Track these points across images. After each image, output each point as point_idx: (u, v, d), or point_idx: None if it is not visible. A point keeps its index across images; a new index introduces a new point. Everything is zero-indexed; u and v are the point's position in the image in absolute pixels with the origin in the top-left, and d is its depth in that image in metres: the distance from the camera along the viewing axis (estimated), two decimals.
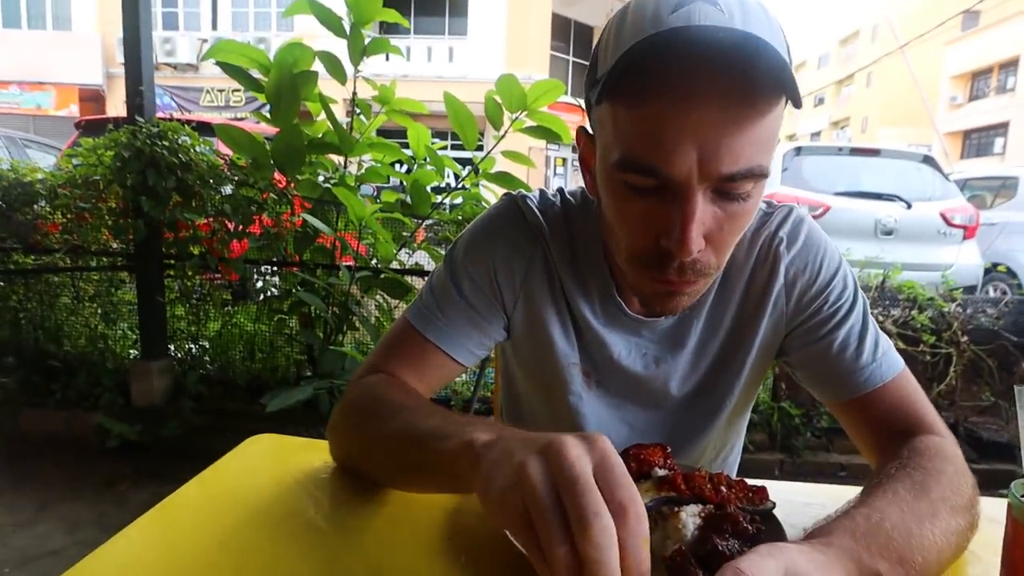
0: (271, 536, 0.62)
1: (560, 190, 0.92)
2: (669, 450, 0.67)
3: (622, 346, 0.87)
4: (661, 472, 0.63)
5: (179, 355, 3.34)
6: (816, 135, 39.94)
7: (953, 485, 0.63)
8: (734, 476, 1.02)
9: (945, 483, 0.62)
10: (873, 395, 0.79)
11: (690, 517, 0.56)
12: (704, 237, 0.64)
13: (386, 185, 3.42)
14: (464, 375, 3.20)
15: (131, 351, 3.42)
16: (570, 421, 0.91)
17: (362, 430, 0.73)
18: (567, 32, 18.56)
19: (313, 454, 0.83)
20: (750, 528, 0.55)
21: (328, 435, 0.80)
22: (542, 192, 0.91)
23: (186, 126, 3.09)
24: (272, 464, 0.82)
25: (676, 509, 0.57)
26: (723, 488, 0.61)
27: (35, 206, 3.28)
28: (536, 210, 0.87)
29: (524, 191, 0.91)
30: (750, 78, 0.58)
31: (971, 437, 3.07)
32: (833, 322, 0.82)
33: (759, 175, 0.62)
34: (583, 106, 0.75)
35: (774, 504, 0.62)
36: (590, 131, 0.74)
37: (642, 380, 0.88)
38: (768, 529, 0.58)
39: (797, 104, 0.62)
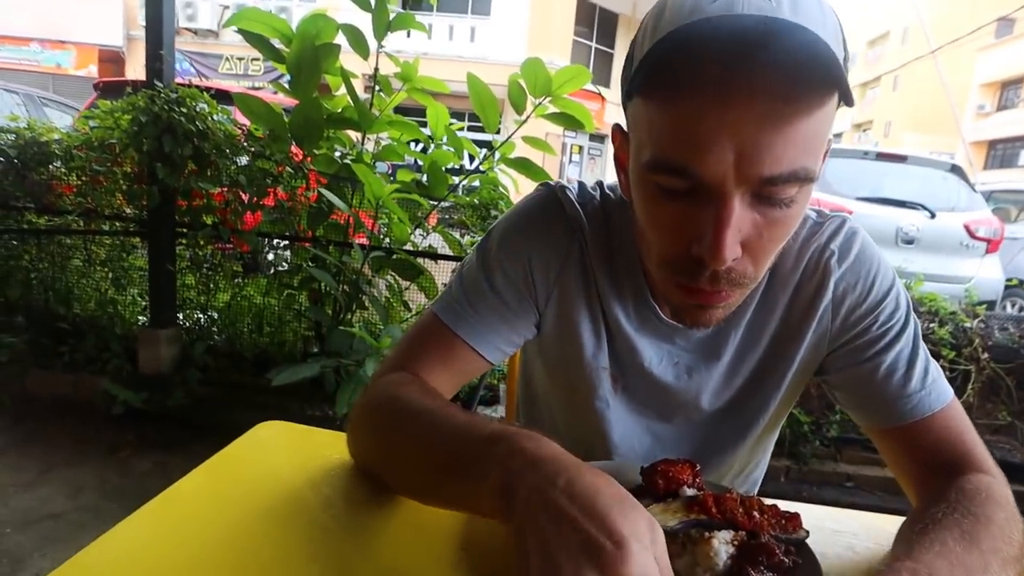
0: (277, 534, 0.59)
1: (599, 183, 0.87)
2: (698, 468, 0.63)
3: (653, 353, 0.83)
4: (690, 492, 0.59)
5: (187, 324, 3.33)
6: (838, 137, 39.53)
7: (1004, 534, 0.58)
8: (756, 492, 0.98)
9: (996, 531, 0.58)
10: (919, 425, 0.74)
11: (723, 544, 0.52)
12: (741, 245, 0.59)
13: (401, 164, 3.39)
14: None
15: (140, 317, 3.41)
16: (594, 426, 0.87)
17: (380, 434, 0.69)
18: (591, 18, 18.31)
19: (324, 445, 0.80)
20: (786, 561, 0.51)
21: (348, 434, 0.76)
22: (581, 184, 0.86)
23: (205, 93, 3.05)
24: (281, 454, 0.79)
25: (708, 535, 0.53)
26: (756, 513, 0.57)
27: (50, 167, 3.26)
28: (576, 203, 0.82)
29: (563, 183, 0.86)
30: (797, 72, 0.52)
31: None
32: (881, 344, 0.77)
33: (804, 179, 0.57)
34: (602, 93, 0.70)
35: (807, 533, 0.59)
36: (625, 129, 0.69)
37: (672, 390, 0.84)
38: (803, 561, 0.54)
39: (849, 103, 0.57)
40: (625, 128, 0.69)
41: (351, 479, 0.71)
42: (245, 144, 3.04)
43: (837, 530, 0.70)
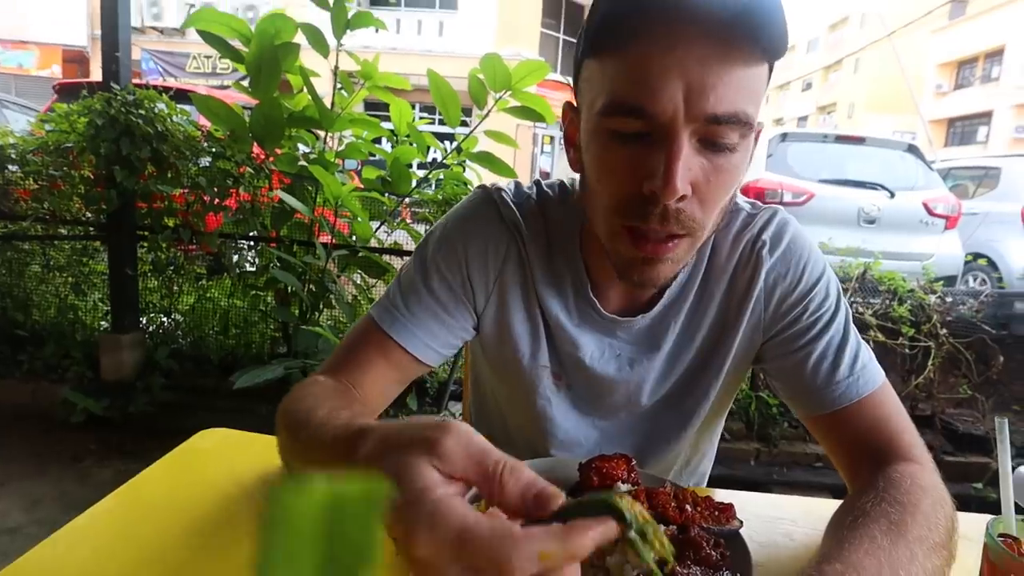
0: (204, 547, 0.59)
1: (537, 182, 0.88)
2: (634, 462, 0.64)
3: (595, 347, 0.84)
4: (624, 487, 0.60)
5: (151, 329, 3.27)
6: (803, 120, 39.96)
7: (930, 520, 0.60)
8: (705, 484, 1.00)
9: (921, 519, 0.60)
10: (846, 412, 0.76)
11: None
12: (691, 187, 0.62)
13: (371, 159, 3.36)
14: None
15: (102, 323, 3.34)
16: (538, 424, 0.88)
17: (283, 438, 0.67)
18: (558, 9, 18.30)
19: (263, 452, 0.79)
20: (713, 554, 0.52)
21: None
22: (517, 185, 0.87)
23: (163, 94, 2.99)
24: (218, 463, 0.78)
25: None
26: (688, 507, 0.58)
27: (5, 171, 3.18)
28: (512, 204, 0.83)
29: (499, 185, 0.87)
30: (737, 20, 0.57)
31: (947, 429, 3.10)
32: (812, 333, 0.79)
33: (745, 122, 0.61)
34: (572, 83, 0.74)
35: (741, 523, 0.60)
36: (575, 104, 0.73)
37: (615, 383, 0.85)
38: (733, 553, 0.55)
39: (781, 52, 0.61)
40: (575, 103, 0.72)
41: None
42: (205, 145, 2.99)
43: (777, 517, 0.71)
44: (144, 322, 3.25)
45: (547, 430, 0.87)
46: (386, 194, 2.84)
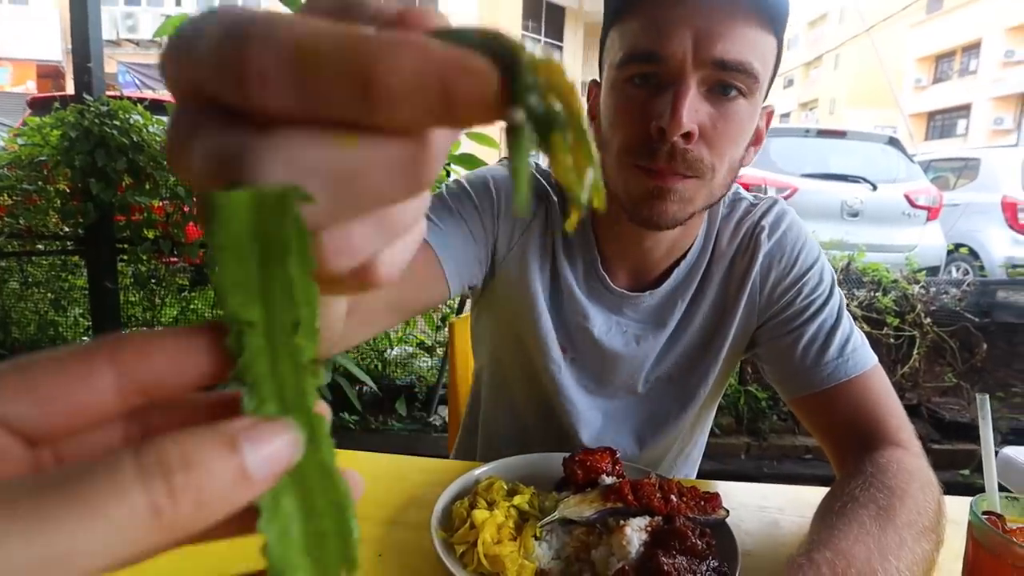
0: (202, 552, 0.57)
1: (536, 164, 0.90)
2: (618, 455, 0.63)
3: (603, 321, 0.85)
4: (608, 479, 0.59)
5: None
6: (786, 116, 40.27)
7: (919, 505, 0.60)
8: (695, 472, 0.99)
9: (910, 504, 0.60)
10: (833, 391, 0.76)
11: (635, 532, 0.52)
12: (697, 130, 0.66)
13: None
14: (428, 360, 3.15)
15: (83, 339, 3.30)
16: (550, 393, 0.88)
17: None
18: (538, 12, 18.37)
19: None
20: (699, 543, 0.51)
21: None
22: (537, 163, 0.92)
23: (138, 104, 2.96)
24: None
25: (622, 523, 0.53)
26: (674, 497, 0.57)
27: None
28: (539, 176, 0.87)
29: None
30: None
31: (933, 418, 3.11)
32: (804, 316, 0.81)
33: (750, 73, 0.66)
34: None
35: (727, 512, 0.59)
36: (599, 80, 0.78)
37: (621, 358, 0.86)
38: (719, 542, 0.54)
39: (782, 21, 0.68)
40: (599, 79, 0.78)
41: None
42: None
43: (763, 506, 0.70)
44: None
45: (559, 404, 0.87)
46: None
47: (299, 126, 0.18)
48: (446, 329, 3.05)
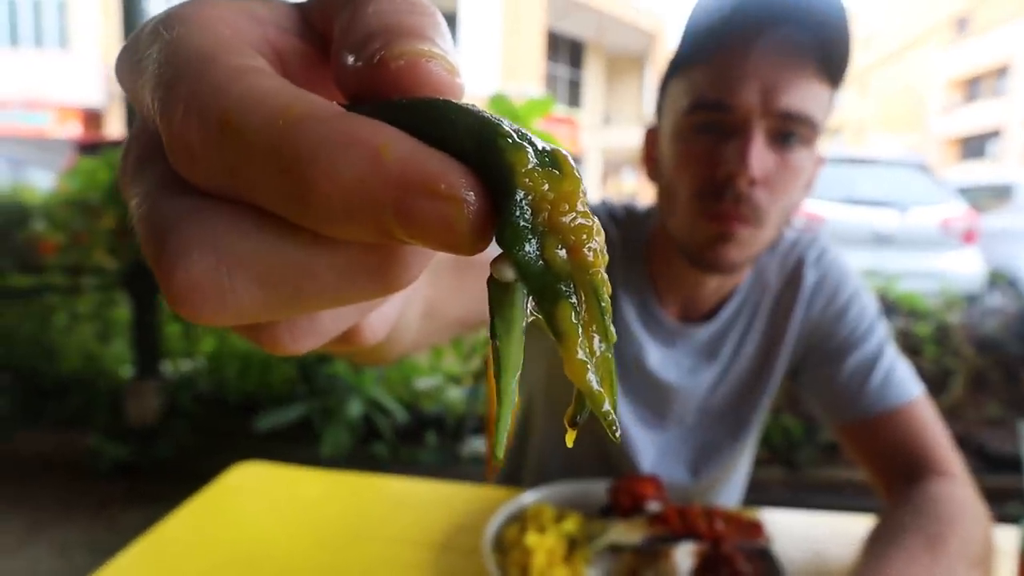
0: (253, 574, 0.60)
1: (603, 200, 0.95)
2: (661, 482, 0.64)
3: (658, 355, 0.87)
4: (653, 506, 0.61)
5: (174, 374, 3.31)
6: None
7: (969, 535, 0.60)
8: (739, 499, 1.00)
9: (961, 533, 0.60)
10: (879, 421, 0.77)
11: (684, 557, 0.54)
12: (760, 176, 0.68)
13: None
14: (457, 391, 3.16)
15: (126, 370, 3.39)
16: (600, 433, 0.89)
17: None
18: (559, 46, 18.65)
19: (300, 485, 0.80)
20: (746, 570, 0.52)
21: None
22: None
23: None
24: (257, 496, 0.79)
25: (669, 548, 0.55)
26: (719, 523, 0.58)
27: (30, 227, 3.27)
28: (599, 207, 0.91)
29: None
30: (806, 41, 0.67)
31: (978, 450, 3.03)
32: (847, 345, 0.82)
33: (812, 123, 0.69)
34: (573, 118, 0.79)
35: (771, 539, 0.60)
36: (656, 126, 0.81)
37: (675, 391, 0.88)
38: (765, 569, 0.56)
39: (842, 75, 0.70)
40: (657, 125, 0.82)
41: (325, 520, 0.72)
42: None
43: (806, 536, 0.71)
44: (167, 367, 3.28)
45: (610, 443, 0.89)
46: None
47: (234, 207, 0.15)
48: (475, 359, 3.07)
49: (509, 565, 0.57)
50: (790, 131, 0.69)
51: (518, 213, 0.13)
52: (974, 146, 27.00)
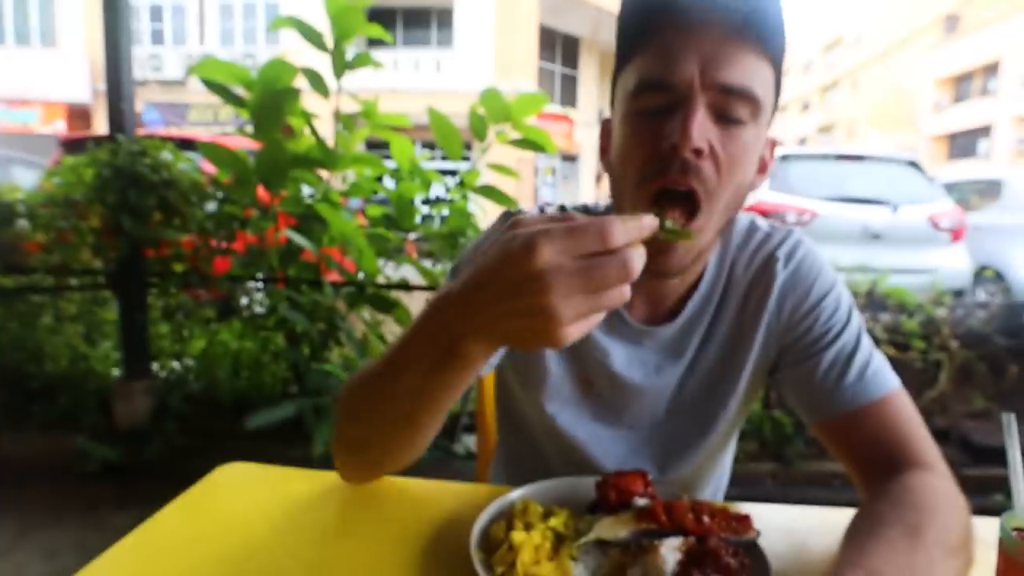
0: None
1: (562, 207, 0.92)
2: (650, 477, 0.64)
3: (622, 355, 0.87)
4: (641, 502, 0.60)
5: (163, 374, 3.29)
6: (803, 141, 40.19)
7: (948, 524, 0.61)
8: (721, 498, 1.00)
9: (939, 523, 0.60)
10: (855, 415, 0.77)
11: (670, 552, 0.54)
12: (707, 146, 0.68)
13: (375, 198, 3.41)
14: None
15: (114, 371, 3.36)
16: (565, 435, 0.90)
17: (351, 400, 0.71)
18: (553, 43, 18.64)
19: (286, 484, 0.80)
20: (732, 563, 0.52)
21: (334, 450, 0.76)
22: (540, 209, 0.91)
23: (168, 142, 3.05)
24: (243, 495, 0.79)
25: (656, 543, 0.55)
26: (705, 517, 0.58)
27: (15, 225, 3.23)
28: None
29: (522, 208, 0.93)
30: (743, 19, 0.67)
31: (964, 442, 3.06)
32: (822, 342, 0.81)
33: (753, 98, 0.69)
34: (569, 114, 0.78)
35: (758, 534, 0.60)
36: (609, 116, 0.81)
37: (642, 390, 0.88)
38: (752, 562, 0.56)
39: (780, 54, 0.71)
40: (609, 115, 0.82)
41: (310, 519, 0.72)
42: (211, 190, 3.04)
43: (792, 528, 0.71)
44: (156, 368, 3.26)
45: (573, 444, 0.89)
46: (391, 230, 2.87)
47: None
48: None
49: (495, 562, 0.57)
50: (732, 107, 0.69)
51: None
52: (964, 144, 27.19)
